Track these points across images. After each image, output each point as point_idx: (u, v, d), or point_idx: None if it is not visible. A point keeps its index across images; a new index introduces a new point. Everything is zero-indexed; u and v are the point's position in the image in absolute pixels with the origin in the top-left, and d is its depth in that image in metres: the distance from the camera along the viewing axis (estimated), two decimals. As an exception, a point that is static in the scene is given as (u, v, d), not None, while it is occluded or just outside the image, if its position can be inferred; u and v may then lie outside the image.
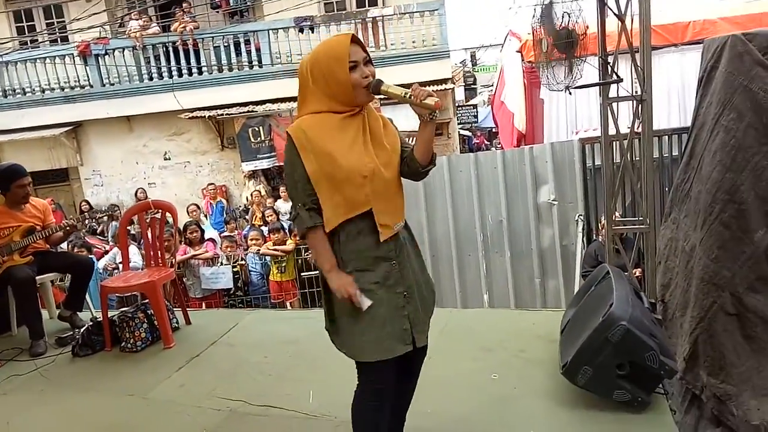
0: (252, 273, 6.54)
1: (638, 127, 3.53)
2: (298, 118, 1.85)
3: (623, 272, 3.16)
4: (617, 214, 4.56)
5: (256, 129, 10.16)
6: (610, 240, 3.65)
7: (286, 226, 6.76)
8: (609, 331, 2.27)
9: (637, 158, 3.99)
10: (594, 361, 2.32)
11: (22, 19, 11.54)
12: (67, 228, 3.85)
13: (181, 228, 6.86)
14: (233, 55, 10.41)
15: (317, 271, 2.08)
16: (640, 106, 3.31)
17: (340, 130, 1.78)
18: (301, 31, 10.00)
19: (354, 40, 1.79)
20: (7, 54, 10.65)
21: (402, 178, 1.91)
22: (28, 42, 11.27)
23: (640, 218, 3.72)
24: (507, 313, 4.35)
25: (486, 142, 19.46)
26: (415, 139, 1.88)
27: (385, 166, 1.81)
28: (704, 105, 3.38)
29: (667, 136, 5.78)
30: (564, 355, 2.56)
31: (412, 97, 1.79)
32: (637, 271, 4.60)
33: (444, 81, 10.24)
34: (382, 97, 1.88)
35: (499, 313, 4.31)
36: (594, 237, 5.74)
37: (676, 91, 7.54)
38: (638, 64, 3.31)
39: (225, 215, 9.72)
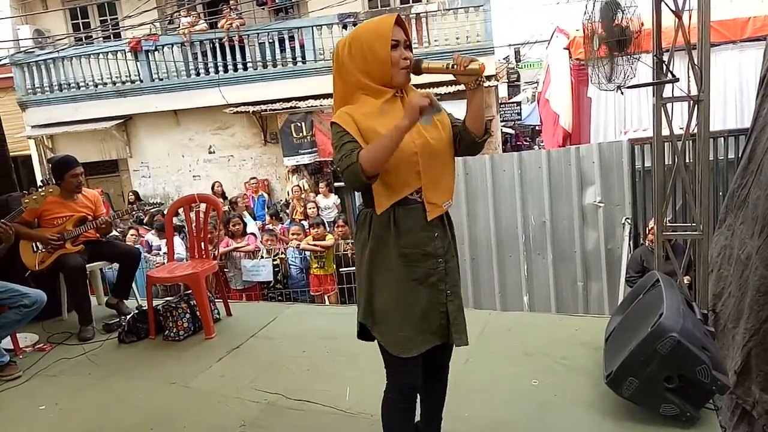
0: (292, 267, 6.61)
1: (693, 128, 3.38)
2: (334, 101, 1.86)
3: (673, 280, 3.04)
4: (667, 218, 4.40)
5: (299, 125, 10.26)
6: (660, 246, 3.51)
7: (326, 221, 6.81)
8: (658, 342, 2.18)
9: (691, 160, 3.83)
10: (641, 373, 2.23)
11: (77, 16, 12.00)
12: (102, 226, 3.97)
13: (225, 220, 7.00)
14: (278, 51, 10.54)
15: (354, 267, 2.06)
16: (696, 106, 3.17)
17: (382, 114, 1.76)
18: (345, 27, 10.04)
19: (398, 21, 1.78)
20: (63, 50, 11.08)
21: (455, 158, 1.89)
22: (83, 38, 11.70)
23: (692, 224, 3.57)
24: (548, 317, 4.25)
25: (525, 141, 19.07)
26: (466, 110, 1.85)
27: (436, 140, 1.79)
28: (766, 106, 3.21)
29: (723, 138, 5.54)
30: (608, 364, 2.48)
31: (456, 66, 1.76)
32: (687, 279, 4.43)
33: (488, 78, 10.09)
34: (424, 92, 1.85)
35: (540, 317, 4.21)
36: (641, 241, 5.56)
37: (733, 90, 7.22)
38: (695, 62, 3.17)
39: (266, 209, 9.88)
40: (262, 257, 6.51)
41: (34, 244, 3.81)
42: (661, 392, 2.23)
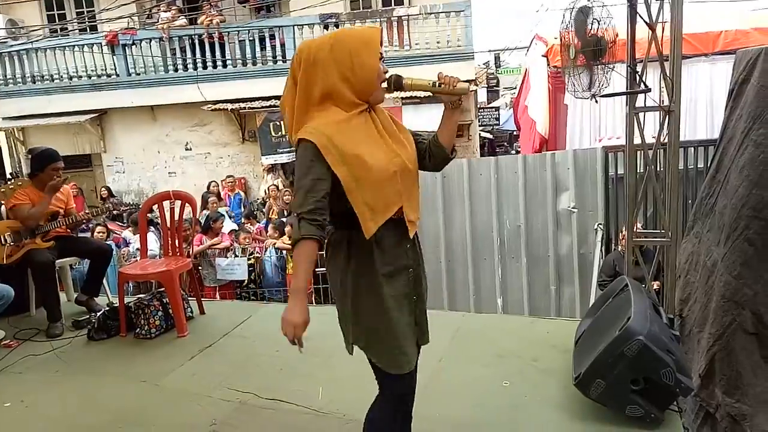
0: (267, 266, 6.58)
1: (664, 137, 3.47)
2: (291, 108, 1.72)
3: (642, 285, 3.12)
4: (638, 225, 4.49)
5: (278, 123, 10.21)
6: (630, 251, 3.59)
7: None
8: (625, 345, 2.23)
9: (662, 169, 3.92)
10: (608, 375, 2.28)
11: (53, 7, 11.74)
12: (73, 222, 3.93)
13: (209, 217, 6.95)
14: (258, 49, 10.46)
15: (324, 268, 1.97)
16: (667, 116, 3.25)
17: (356, 130, 1.69)
18: (326, 27, 10.02)
19: (380, 35, 1.76)
20: (37, 41, 10.83)
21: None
22: (58, 30, 11.45)
23: (662, 230, 3.66)
24: (521, 319, 4.30)
25: (502, 146, 19.19)
26: (440, 126, 1.86)
27: (409, 160, 1.77)
28: (734, 118, 3.32)
29: (693, 148, 5.69)
30: (577, 366, 2.53)
31: (442, 86, 1.77)
32: (656, 284, 4.53)
33: (467, 82, 10.16)
34: (404, 95, 1.86)
35: (513, 320, 4.27)
36: (613, 247, 5.67)
37: (704, 101, 7.42)
38: (667, 73, 3.25)
39: (242, 208, 9.80)
40: (236, 256, 6.46)
41: (1, 237, 3.73)
42: (627, 394, 2.28)
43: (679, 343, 2.77)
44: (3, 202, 3.58)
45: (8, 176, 10.41)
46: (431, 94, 1.91)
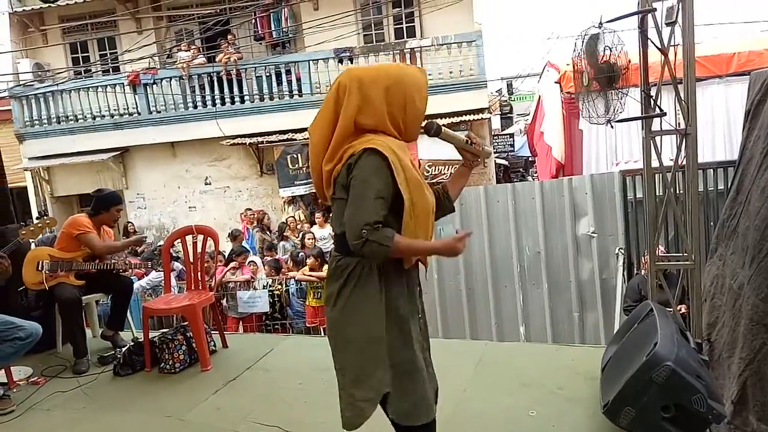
0: (291, 296, 6.61)
1: (682, 160, 3.46)
2: (334, 133, 1.68)
3: (667, 309, 3.07)
4: (660, 248, 4.45)
5: (294, 156, 10.37)
6: (653, 276, 3.55)
7: (324, 251, 6.82)
8: (653, 372, 2.20)
9: (681, 191, 3.90)
10: (637, 402, 2.24)
11: (77, 50, 12.18)
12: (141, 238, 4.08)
13: (233, 251, 7.04)
14: (275, 84, 10.72)
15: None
16: (684, 139, 3.26)
17: (407, 156, 1.69)
18: (341, 61, 10.24)
19: None
20: (62, 83, 11.22)
21: None
22: (82, 72, 11.86)
23: (684, 254, 3.62)
24: (544, 347, 4.25)
25: (517, 172, 19.18)
26: (452, 180, 1.92)
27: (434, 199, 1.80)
28: (752, 139, 3.30)
29: (712, 170, 5.64)
30: (605, 394, 2.49)
31: (474, 144, 1.84)
32: (683, 308, 4.45)
33: (481, 110, 10.28)
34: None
35: (537, 348, 4.21)
36: (636, 271, 5.60)
37: (721, 122, 7.39)
38: (682, 97, 3.27)
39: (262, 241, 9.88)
40: (264, 287, 6.50)
41: (39, 263, 3.81)
42: (658, 421, 2.23)
43: (709, 368, 2.71)
44: (53, 230, 3.70)
45: (35, 216, 10.65)
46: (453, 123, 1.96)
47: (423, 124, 1.78)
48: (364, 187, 1.59)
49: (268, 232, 10.19)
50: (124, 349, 3.76)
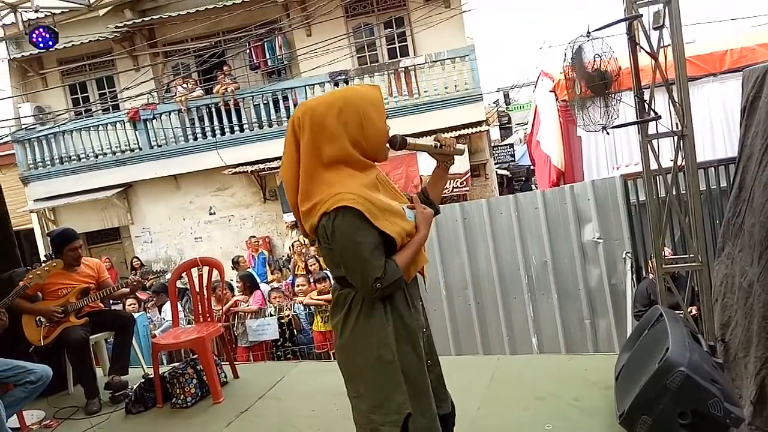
0: (302, 322, 6.58)
1: (681, 161, 3.46)
2: (294, 177, 1.67)
3: (677, 312, 3.04)
4: (667, 250, 4.42)
5: (297, 180, 10.42)
6: (661, 279, 3.52)
7: (330, 274, 6.81)
8: (667, 378, 2.17)
9: (683, 192, 3.89)
10: (653, 410, 2.21)
11: (77, 91, 12.36)
12: (134, 284, 4.02)
13: (236, 279, 7.03)
14: (272, 111, 10.82)
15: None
16: (681, 141, 3.26)
17: (375, 188, 1.68)
18: (336, 84, 10.34)
19: None
20: (63, 124, 11.36)
21: None
22: (83, 112, 12.02)
23: (691, 255, 3.59)
24: (558, 358, 4.21)
25: (518, 182, 19.17)
26: (430, 184, 1.90)
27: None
28: (749, 136, 3.30)
29: (713, 168, 5.62)
30: (620, 403, 2.45)
31: (444, 147, 1.82)
32: (693, 309, 4.41)
33: (478, 123, 10.32)
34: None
35: (550, 359, 4.17)
36: (644, 275, 5.55)
37: (719, 120, 7.38)
38: (675, 98, 3.28)
39: (268, 266, 9.88)
40: (270, 315, 6.48)
41: (37, 319, 3.82)
42: (676, 428, 2.20)
43: (723, 370, 2.67)
44: (40, 283, 3.67)
45: (42, 258, 10.70)
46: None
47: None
48: (357, 249, 1.57)
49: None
50: (135, 387, 3.74)
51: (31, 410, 3.68)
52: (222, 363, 4.01)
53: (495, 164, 14.31)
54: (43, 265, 3.66)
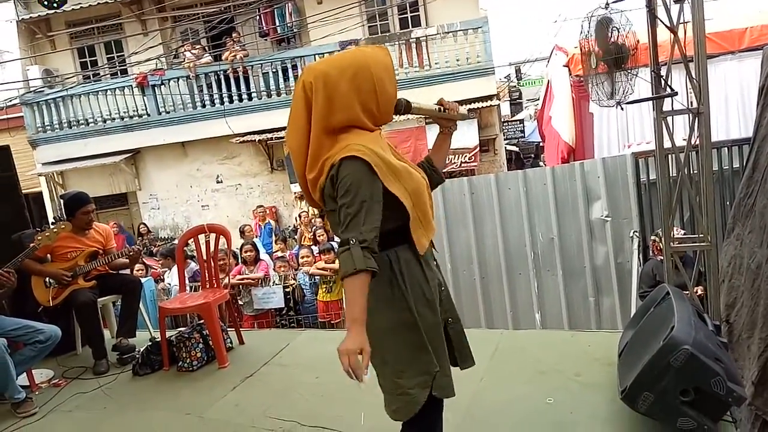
0: (305, 291, 6.62)
1: (695, 139, 3.40)
2: (311, 136, 1.61)
3: (684, 292, 3.03)
4: (680, 230, 4.39)
5: (304, 150, 10.38)
6: (669, 258, 3.51)
7: (335, 246, 6.82)
8: (671, 356, 2.17)
9: (695, 171, 3.84)
10: (656, 387, 2.22)
11: (85, 54, 12.27)
12: (131, 254, 4.03)
13: (238, 248, 7.04)
14: (281, 80, 10.71)
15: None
16: (697, 118, 3.20)
17: (385, 149, 1.67)
18: (347, 54, 10.20)
19: None
20: (71, 88, 11.32)
21: None
22: (91, 76, 11.95)
23: (700, 235, 3.57)
24: (560, 334, 4.23)
25: (528, 158, 19.07)
26: (433, 151, 1.89)
27: (425, 179, 1.78)
28: (766, 116, 3.24)
29: (726, 148, 5.55)
30: (623, 379, 2.46)
31: (447, 111, 1.79)
32: (699, 290, 4.40)
33: (489, 98, 10.20)
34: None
35: (553, 335, 4.19)
36: (650, 255, 5.54)
37: (734, 99, 7.25)
38: (693, 75, 3.21)
39: (274, 236, 9.91)
40: (274, 283, 6.52)
41: (46, 280, 3.86)
42: (678, 406, 2.21)
43: (728, 350, 2.67)
44: (49, 244, 3.69)
45: (51, 220, 10.78)
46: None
47: None
48: (354, 195, 1.54)
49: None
50: (142, 349, 3.80)
51: (40, 369, 3.75)
52: (228, 329, 4.06)
53: (504, 140, 14.18)
54: (52, 227, 3.69)
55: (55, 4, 5.67)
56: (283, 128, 10.43)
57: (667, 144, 3.45)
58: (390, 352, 1.69)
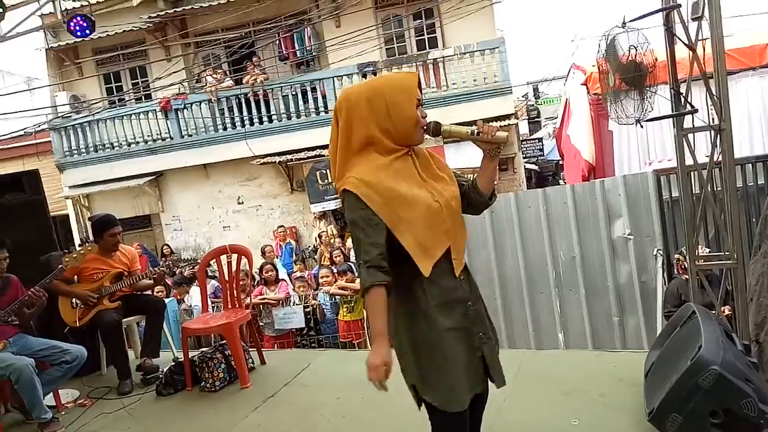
0: (326, 311, 6.62)
1: (718, 156, 3.37)
2: (334, 155, 1.79)
3: (711, 311, 2.98)
4: (701, 248, 4.31)
5: (324, 172, 10.47)
6: (694, 277, 3.45)
7: (353, 266, 6.83)
8: (699, 376, 2.13)
9: (719, 188, 3.79)
10: (684, 408, 2.17)
11: (111, 80, 12.62)
12: (155, 276, 4.10)
13: (257, 268, 7.09)
14: (301, 102, 10.87)
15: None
16: (718, 135, 3.17)
17: (398, 173, 1.74)
18: (365, 76, 10.33)
19: (417, 80, 1.80)
20: (98, 113, 11.63)
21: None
22: (116, 101, 12.27)
23: (726, 253, 3.51)
24: (584, 354, 4.16)
25: (548, 176, 18.97)
26: (478, 173, 1.87)
27: (453, 198, 1.80)
28: (791, 131, 3.19)
29: (750, 164, 5.47)
30: (650, 400, 2.42)
31: (481, 134, 1.78)
32: (726, 309, 4.30)
33: (507, 117, 10.21)
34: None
35: (577, 355, 4.13)
36: (675, 273, 5.45)
37: (757, 115, 7.17)
38: (713, 92, 3.19)
39: (294, 256, 9.97)
40: (294, 304, 6.54)
41: (72, 301, 3.94)
42: (707, 428, 2.16)
43: (758, 370, 2.61)
44: (76, 266, 3.78)
45: (78, 242, 10.99)
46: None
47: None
48: (352, 227, 1.72)
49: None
50: (165, 370, 3.83)
51: (66, 389, 3.81)
52: (250, 349, 4.08)
53: (523, 158, 14.15)
54: (79, 248, 3.77)
55: (81, 33, 5.86)
56: (303, 149, 10.63)
57: (688, 161, 3.42)
58: (406, 363, 1.81)
